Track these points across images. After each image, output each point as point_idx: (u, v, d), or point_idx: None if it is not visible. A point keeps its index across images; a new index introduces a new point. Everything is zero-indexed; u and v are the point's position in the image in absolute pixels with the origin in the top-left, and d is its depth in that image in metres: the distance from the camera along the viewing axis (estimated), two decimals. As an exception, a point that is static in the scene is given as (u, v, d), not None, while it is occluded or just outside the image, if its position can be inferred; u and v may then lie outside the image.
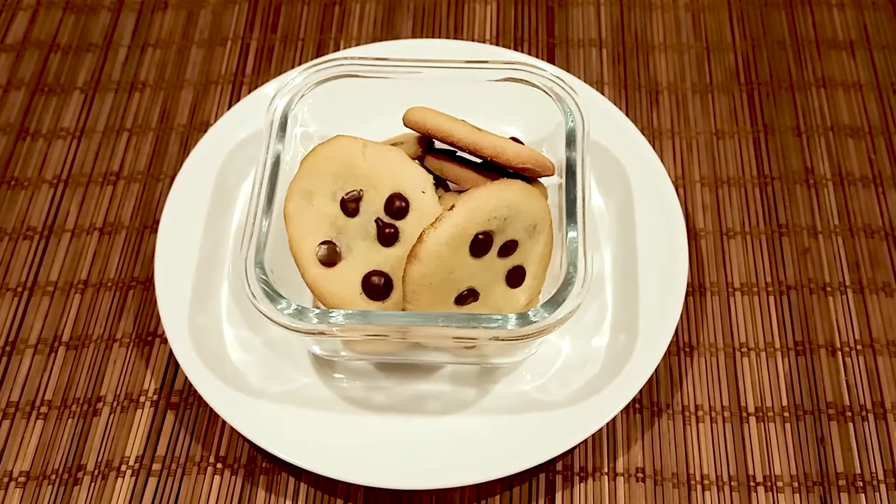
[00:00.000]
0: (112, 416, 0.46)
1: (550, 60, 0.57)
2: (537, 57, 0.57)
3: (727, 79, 0.57)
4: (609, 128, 0.50)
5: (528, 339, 0.39)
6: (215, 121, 0.53)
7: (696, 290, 0.50)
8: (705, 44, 0.59)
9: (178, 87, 0.57)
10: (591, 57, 0.58)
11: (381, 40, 0.58)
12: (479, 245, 0.40)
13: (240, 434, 0.43)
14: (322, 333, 0.39)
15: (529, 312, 0.39)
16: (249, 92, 0.55)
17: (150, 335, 0.48)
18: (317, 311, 0.39)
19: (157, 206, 0.52)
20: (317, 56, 0.57)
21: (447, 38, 0.58)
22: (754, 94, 0.56)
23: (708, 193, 0.53)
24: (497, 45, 0.58)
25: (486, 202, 0.40)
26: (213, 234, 0.48)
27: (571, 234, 0.41)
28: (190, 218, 0.48)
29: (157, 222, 0.49)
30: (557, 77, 0.45)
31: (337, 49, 0.58)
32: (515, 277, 0.42)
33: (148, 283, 0.49)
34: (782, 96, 0.56)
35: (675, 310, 0.45)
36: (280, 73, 0.56)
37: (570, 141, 0.43)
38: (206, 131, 0.51)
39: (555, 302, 0.40)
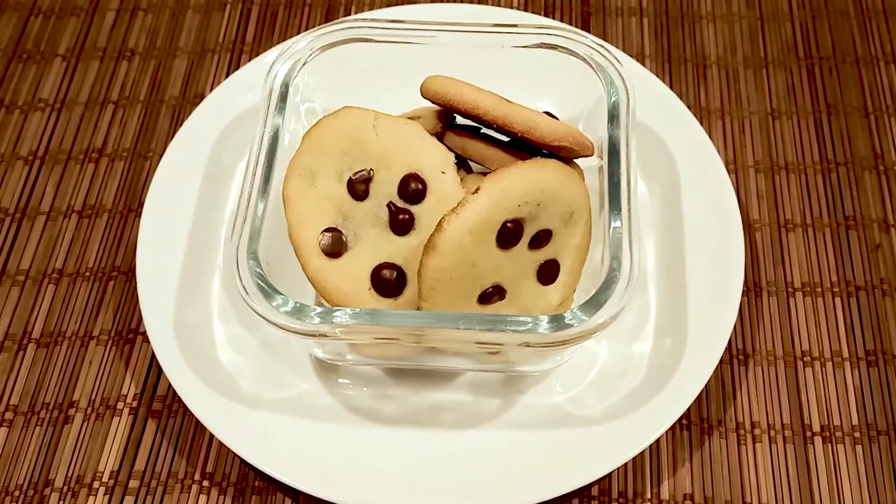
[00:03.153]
0: (85, 424, 0.44)
1: (585, 30, 0.55)
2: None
3: (784, 52, 0.55)
4: (653, 104, 0.47)
5: (562, 346, 0.36)
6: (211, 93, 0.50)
7: (750, 289, 0.47)
8: (759, 13, 0.57)
9: (170, 55, 0.55)
10: (630, 27, 0.56)
11: (397, 4, 0.55)
12: (508, 234, 0.37)
13: (229, 448, 0.40)
14: (324, 335, 0.36)
15: (565, 315, 0.36)
16: (250, 61, 0.51)
17: (131, 332, 0.46)
18: (318, 309, 0.36)
19: (144, 187, 0.50)
20: (326, 22, 0.55)
21: (471, 2, 0.56)
22: (815, 70, 0.54)
23: (763, 180, 0.50)
24: (525, 11, 0.55)
25: (517, 184, 0.37)
26: (204, 219, 0.46)
27: (615, 223, 0.38)
28: (179, 200, 0.46)
29: (142, 205, 0.46)
30: (598, 43, 0.43)
31: (348, 14, 0.57)
32: (548, 273, 0.40)
33: (130, 274, 0.47)
34: (847, 72, 0.54)
35: (730, 312, 0.42)
36: (284, 41, 0.54)
37: (613, 117, 0.41)
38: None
39: (595, 303, 0.37)
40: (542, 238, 0.39)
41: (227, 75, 0.54)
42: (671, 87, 0.53)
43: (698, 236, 0.45)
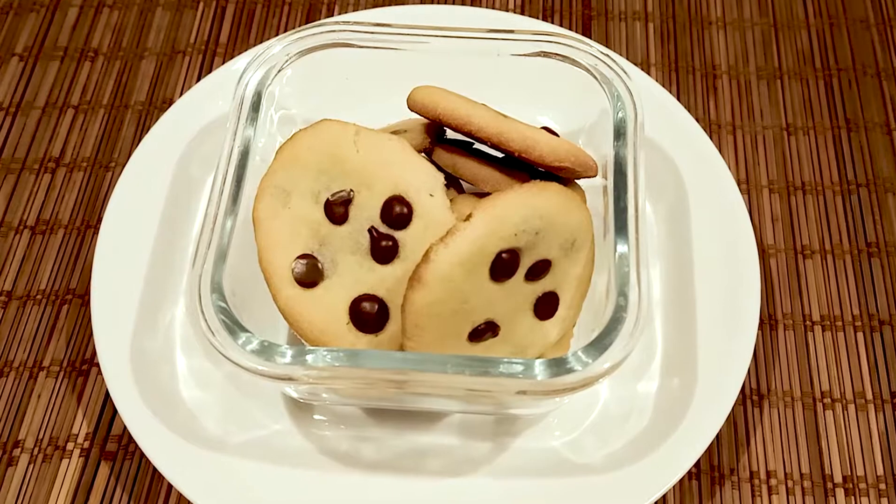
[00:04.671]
0: (31, 466, 0.41)
1: (586, 36, 0.54)
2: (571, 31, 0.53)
3: (800, 63, 0.54)
4: (659, 118, 0.45)
5: (563, 394, 0.34)
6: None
7: (765, 322, 0.45)
8: (772, 20, 0.55)
9: (137, 56, 0.54)
10: (634, 33, 0.55)
11: (384, 6, 0.55)
12: (503, 266, 0.35)
13: (188, 500, 0.38)
14: (291, 379, 0.34)
15: (568, 358, 0.34)
16: (223, 65, 0.50)
17: (85, 363, 0.44)
18: (289, 349, 0.34)
19: (105, 200, 0.48)
20: (306, 23, 0.55)
21: (463, 4, 0.55)
22: (833, 82, 0.53)
23: (778, 202, 0.49)
24: (522, 14, 0.54)
25: (514, 211, 0.35)
26: (168, 238, 0.44)
27: (621, 252, 0.36)
28: (140, 217, 0.44)
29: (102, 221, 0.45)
30: (604, 52, 0.41)
31: (331, 15, 0.56)
32: (546, 306, 0.38)
33: (86, 297, 0.46)
34: (867, 85, 0.53)
35: (745, 348, 0.41)
36: (261, 43, 0.52)
37: (620, 135, 0.39)
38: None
39: (600, 345, 0.34)
40: (540, 269, 0.36)
41: (199, 79, 0.53)
42: (678, 99, 0.51)
43: (709, 263, 0.43)
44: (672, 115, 0.47)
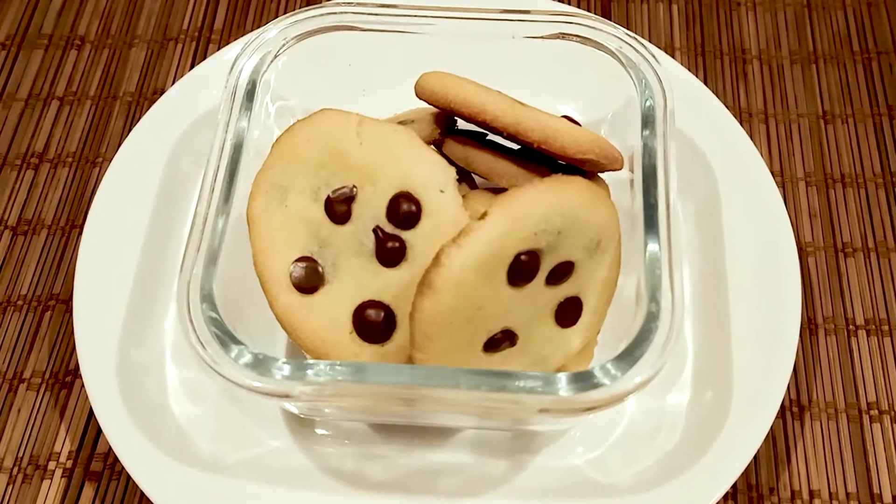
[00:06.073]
0: (10, 487, 0.40)
1: (605, 18, 0.51)
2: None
3: (836, 46, 0.53)
4: (686, 105, 0.43)
5: (589, 412, 0.32)
6: (172, 88, 0.49)
7: (804, 326, 0.43)
8: (805, 0, 0.54)
9: (126, 44, 0.53)
10: (657, 15, 0.54)
11: None
12: (522, 270, 0.34)
13: None
14: (288, 396, 0.33)
15: (595, 371, 0.32)
16: (217, 52, 0.49)
17: (69, 374, 0.43)
18: (286, 363, 0.33)
19: (91, 198, 0.45)
20: (307, 6, 0.51)
21: None
22: (872, 66, 0.52)
23: (816, 195, 0.48)
24: None
25: (533, 209, 0.34)
26: (159, 239, 0.43)
27: (652, 249, 0.35)
28: (128, 216, 0.43)
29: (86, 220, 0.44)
30: (629, 35, 0.40)
31: None
32: (569, 313, 0.36)
33: (71, 303, 0.42)
34: None
35: (785, 356, 0.39)
36: (258, 28, 0.51)
37: (648, 123, 0.38)
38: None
39: (630, 357, 0.33)
40: (562, 272, 0.35)
41: (192, 68, 0.51)
42: (705, 85, 0.49)
43: (743, 263, 0.42)
44: (701, 103, 0.45)
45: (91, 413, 0.41)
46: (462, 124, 0.40)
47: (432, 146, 0.38)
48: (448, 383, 0.32)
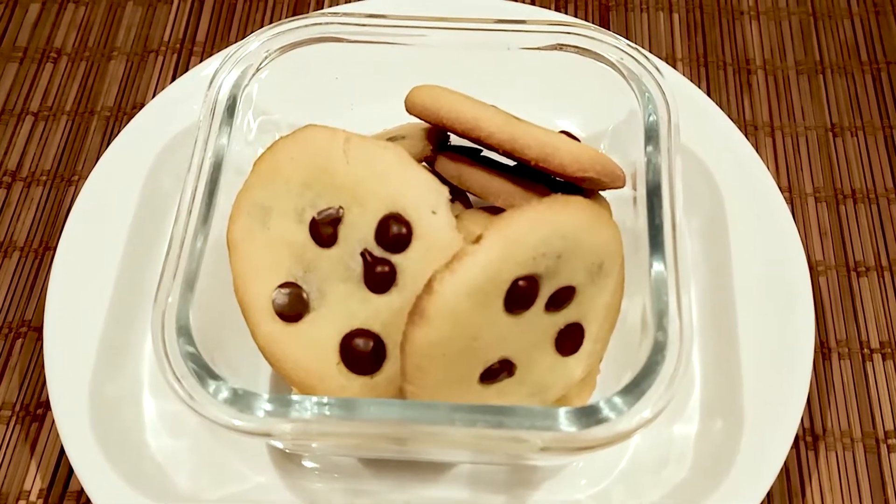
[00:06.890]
0: None
1: (604, 28, 0.51)
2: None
3: (843, 55, 0.52)
4: (690, 118, 0.42)
5: (593, 449, 0.31)
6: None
7: (816, 350, 0.42)
8: (811, 9, 0.54)
9: (105, 56, 0.52)
10: (658, 24, 0.53)
11: None
12: (520, 296, 0.33)
13: None
14: (269, 435, 0.31)
15: (600, 405, 0.31)
16: (199, 65, 0.48)
17: (40, 406, 0.41)
18: (267, 399, 0.31)
19: (66, 219, 0.44)
20: (293, 17, 0.50)
21: None
22: (881, 77, 0.51)
23: (826, 212, 0.47)
24: (534, 5, 0.53)
25: (531, 232, 0.33)
26: (136, 262, 0.42)
27: (657, 272, 0.33)
28: (104, 237, 0.42)
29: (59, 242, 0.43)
30: (631, 46, 0.39)
31: (321, 7, 0.55)
32: (570, 340, 0.35)
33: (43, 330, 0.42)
34: None
35: (799, 382, 0.38)
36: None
37: (651, 139, 0.37)
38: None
39: (637, 390, 0.31)
40: (562, 298, 0.34)
41: (174, 81, 0.49)
42: (709, 97, 0.49)
43: (752, 285, 0.41)
44: (705, 116, 0.45)
45: (63, 448, 0.39)
46: (455, 140, 0.39)
47: (424, 164, 0.38)
48: (442, 420, 0.31)
